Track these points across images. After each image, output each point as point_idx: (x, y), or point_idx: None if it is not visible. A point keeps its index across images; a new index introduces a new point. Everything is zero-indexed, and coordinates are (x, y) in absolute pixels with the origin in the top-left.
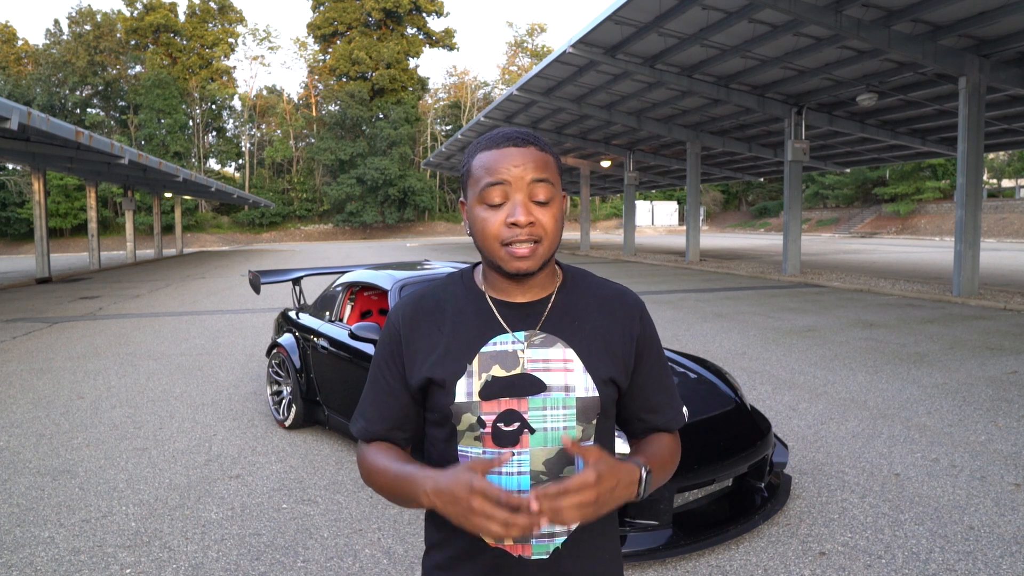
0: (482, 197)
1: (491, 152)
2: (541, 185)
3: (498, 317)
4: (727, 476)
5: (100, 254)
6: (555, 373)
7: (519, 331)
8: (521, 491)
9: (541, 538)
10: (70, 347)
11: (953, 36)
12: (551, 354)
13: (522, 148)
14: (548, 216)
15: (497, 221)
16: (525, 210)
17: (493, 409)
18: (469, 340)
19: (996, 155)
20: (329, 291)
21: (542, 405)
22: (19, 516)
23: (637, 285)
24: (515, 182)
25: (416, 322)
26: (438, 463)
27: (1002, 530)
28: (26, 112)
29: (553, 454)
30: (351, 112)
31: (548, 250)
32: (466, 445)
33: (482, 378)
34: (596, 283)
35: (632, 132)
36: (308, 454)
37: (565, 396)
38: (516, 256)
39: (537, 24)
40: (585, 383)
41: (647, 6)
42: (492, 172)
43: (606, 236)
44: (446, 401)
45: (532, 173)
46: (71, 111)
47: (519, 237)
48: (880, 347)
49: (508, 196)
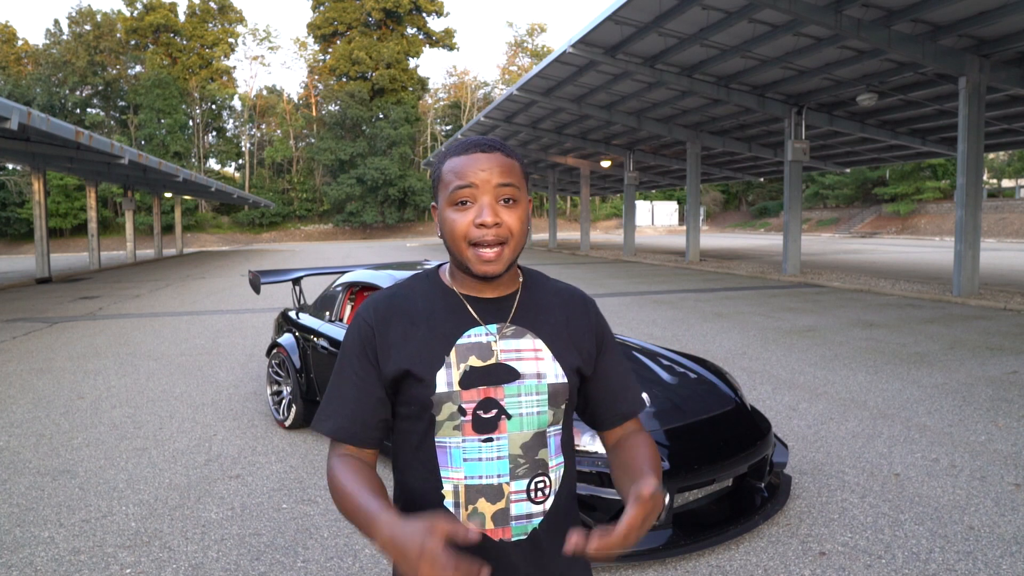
0: (451, 199)
1: (460, 158)
2: (507, 188)
3: (471, 311)
4: (727, 476)
5: (100, 254)
6: (527, 362)
7: (491, 324)
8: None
9: (520, 519)
10: (70, 347)
11: (953, 36)
12: (522, 344)
13: (488, 154)
14: (514, 218)
15: (465, 222)
16: (492, 211)
17: (473, 398)
18: (445, 333)
19: (996, 155)
20: (329, 291)
21: (517, 392)
22: (19, 516)
23: (637, 285)
24: (482, 185)
25: (389, 317)
26: (411, 459)
27: (1002, 530)
28: (26, 112)
29: (528, 437)
30: (351, 112)
31: (513, 252)
32: (445, 435)
33: (460, 368)
34: (552, 283)
35: (632, 132)
36: (308, 454)
37: (537, 383)
38: (483, 260)
39: (537, 24)
40: (555, 370)
41: (647, 6)
42: (461, 176)
43: (606, 236)
44: (426, 392)
45: (498, 177)
46: (71, 111)
47: (486, 238)
48: (880, 347)
49: (476, 199)
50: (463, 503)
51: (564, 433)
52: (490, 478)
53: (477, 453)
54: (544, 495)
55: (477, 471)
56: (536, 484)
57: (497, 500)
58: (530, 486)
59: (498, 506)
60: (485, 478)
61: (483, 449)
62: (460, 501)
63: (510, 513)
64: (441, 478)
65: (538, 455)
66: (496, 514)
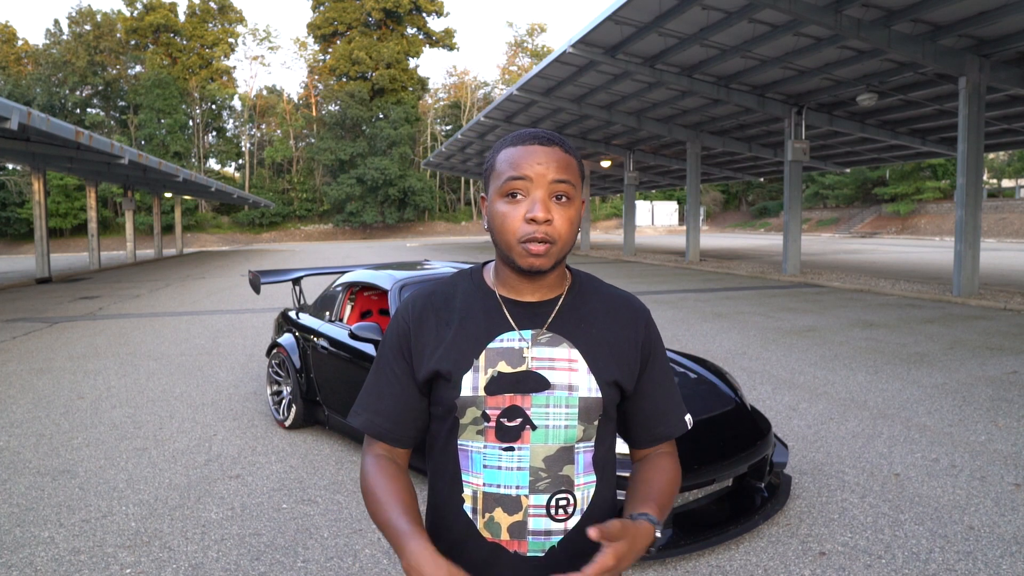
0: (502, 191)
1: (516, 148)
2: (562, 185)
3: (506, 315)
4: (727, 476)
5: (100, 254)
6: (559, 372)
7: (526, 329)
8: (519, 487)
9: (537, 535)
10: (70, 347)
11: (953, 36)
12: (556, 353)
13: (547, 147)
14: (565, 217)
15: (516, 216)
16: (544, 207)
17: (498, 404)
18: (477, 336)
19: (996, 155)
20: (329, 291)
21: (545, 403)
22: (19, 516)
23: (637, 285)
24: (537, 179)
25: (425, 316)
26: (438, 459)
27: (1002, 530)
28: (26, 112)
29: (553, 451)
30: (351, 112)
31: (562, 250)
32: (467, 439)
33: (488, 373)
34: (604, 288)
35: (632, 132)
36: (308, 454)
37: (568, 395)
38: (531, 253)
39: (537, 24)
40: (588, 383)
41: (647, 6)
42: (516, 167)
43: (606, 236)
44: (451, 394)
45: (554, 173)
46: (71, 111)
47: (535, 235)
48: (880, 347)
49: (528, 192)
50: (480, 510)
51: (599, 451)
52: (508, 488)
53: (497, 461)
54: (567, 513)
55: (496, 479)
56: (558, 500)
57: (515, 512)
58: (550, 502)
59: (515, 518)
60: (503, 487)
61: (503, 457)
62: (478, 507)
63: (527, 527)
64: (462, 482)
65: (562, 471)
66: (512, 526)
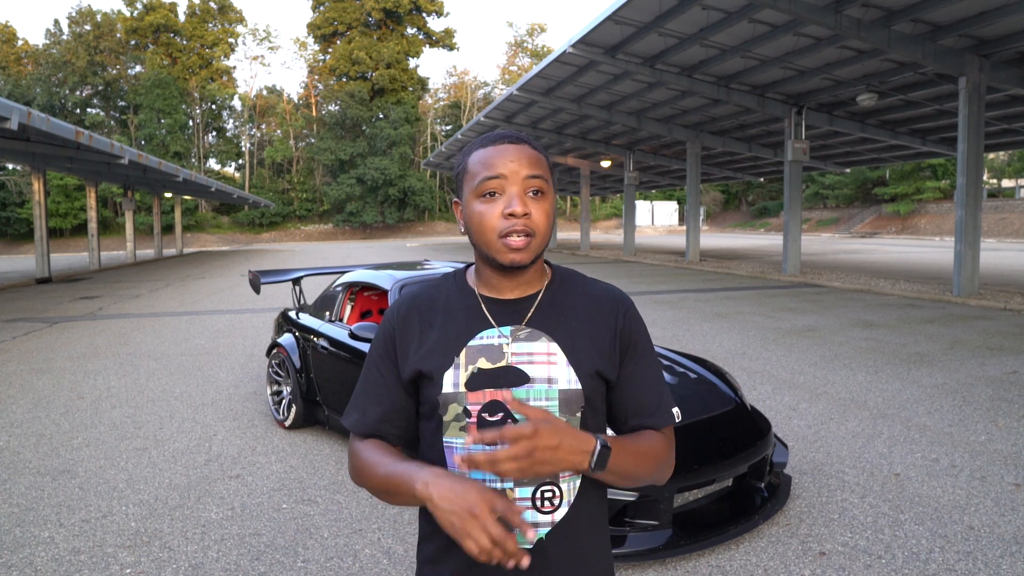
0: (478, 191)
1: (487, 149)
2: (535, 180)
3: (486, 313)
4: (727, 476)
5: (100, 254)
6: (538, 366)
7: (505, 326)
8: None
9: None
10: (70, 347)
11: (953, 36)
12: (535, 348)
13: (517, 145)
14: (541, 211)
15: (494, 213)
16: (522, 202)
17: (478, 400)
18: (457, 334)
19: (996, 155)
20: (329, 291)
21: (525, 396)
22: (19, 516)
23: (637, 285)
24: (511, 176)
25: (410, 318)
26: (427, 458)
27: (1002, 530)
28: (26, 112)
29: None
30: (351, 112)
31: (540, 244)
32: (452, 436)
33: (468, 370)
34: (585, 282)
35: (632, 132)
36: (308, 454)
37: (547, 388)
38: (511, 247)
39: (537, 24)
40: (568, 376)
41: (647, 6)
42: (489, 167)
43: (606, 236)
44: (434, 392)
45: (527, 169)
46: (71, 111)
47: (515, 228)
48: (880, 347)
49: (504, 190)
50: None
51: None
52: (493, 482)
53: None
54: (553, 505)
55: (480, 474)
56: (543, 493)
57: None
58: (535, 494)
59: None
60: (488, 481)
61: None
62: None
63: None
64: None
65: None
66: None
